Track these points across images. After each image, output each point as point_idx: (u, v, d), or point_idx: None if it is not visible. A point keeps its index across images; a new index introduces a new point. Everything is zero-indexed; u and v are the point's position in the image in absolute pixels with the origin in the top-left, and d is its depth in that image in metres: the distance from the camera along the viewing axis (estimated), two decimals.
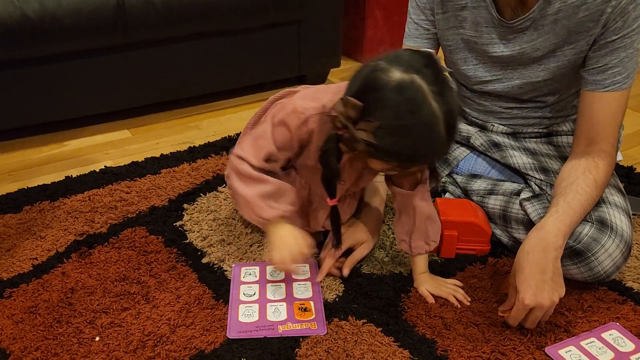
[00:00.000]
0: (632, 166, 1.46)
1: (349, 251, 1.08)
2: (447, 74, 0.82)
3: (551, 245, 0.92)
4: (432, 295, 1.02)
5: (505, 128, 1.22)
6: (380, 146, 0.79)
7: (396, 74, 0.78)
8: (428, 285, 1.03)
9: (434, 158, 0.89)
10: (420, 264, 1.05)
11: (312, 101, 0.93)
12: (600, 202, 1.02)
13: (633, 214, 1.14)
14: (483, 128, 1.25)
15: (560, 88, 1.13)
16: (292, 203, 0.97)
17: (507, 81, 1.13)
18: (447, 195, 1.26)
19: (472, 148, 1.26)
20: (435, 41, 1.18)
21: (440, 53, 1.17)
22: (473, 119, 1.26)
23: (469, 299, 1.02)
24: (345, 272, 1.05)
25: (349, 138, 0.82)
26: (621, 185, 1.12)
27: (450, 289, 1.03)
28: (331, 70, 2.14)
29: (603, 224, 0.99)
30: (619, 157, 1.41)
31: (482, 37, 1.10)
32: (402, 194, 1.00)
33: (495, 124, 1.22)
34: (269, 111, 1.04)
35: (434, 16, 1.14)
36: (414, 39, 1.18)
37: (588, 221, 0.99)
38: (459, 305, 1.00)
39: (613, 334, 0.94)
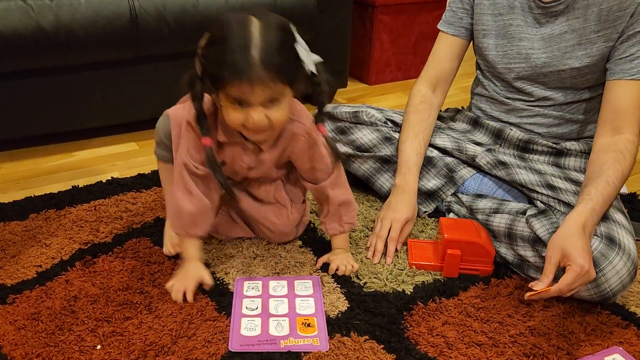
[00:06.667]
0: (634, 192, 1.47)
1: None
2: (298, 39, 0.91)
3: (589, 225, 0.98)
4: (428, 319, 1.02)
5: (522, 134, 1.24)
6: (206, 55, 0.90)
7: (245, 14, 0.90)
8: (333, 255, 1.14)
9: (244, 76, 0.86)
10: (336, 241, 1.15)
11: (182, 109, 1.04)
12: (608, 219, 1.03)
13: (636, 239, 1.14)
14: (498, 136, 1.27)
15: (582, 86, 1.16)
16: (209, 225, 1.09)
17: (534, 65, 1.16)
18: (452, 215, 1.27)
19: (478, 168, 1.28)
20: (467, 30, 1.27)
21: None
22: (492, 122, 1.28)
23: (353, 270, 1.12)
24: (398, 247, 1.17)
25: (196, 61, 0.92)
26: (624, 210, 1.13)
27: (343, 265, 1.12)
28: (338, 90, 2.17)
29: (612, 241, 1.00)
30: (624, 189, 1.42)
31: (517, 19, 1.16)
32: (315, 188, 1.11)
33: (514, 129, 1.25)
34: None
35: (473, 4, 1.23)
36: (448, 25, 1.28)
37: (597, 236, 1.00)
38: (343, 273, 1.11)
39: (616, 358, 0.94)
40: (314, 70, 0.94)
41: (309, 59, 0.93)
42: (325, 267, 1.14)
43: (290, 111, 0.98)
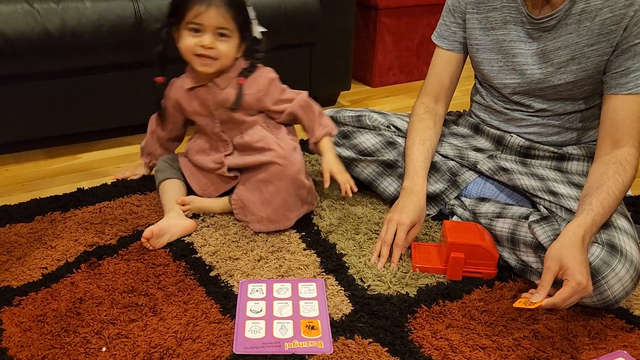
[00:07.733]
0: (639, 195, 1.46)
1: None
2: None
3: (588, 237, 0.98)
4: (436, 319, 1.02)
5: (523, 141, 1.23)
6: None
7: None
8: (333, 166, 1.25)
9: (205, 0, 1.11)
10: (323, 147, 1.26)
11: None
12: (609, 226, 1.03)
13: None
14: (499, 142, 1.27)
15: (579, 96, 1.15)
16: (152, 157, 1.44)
17: (529, 81, 1.16)
18: (455, 218, 1.27)
19: (480, 173, 1.28)
20: (462, 44, 1.27)
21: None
22: (492, 130, 1.28)
23: (353, 191, 1.24)
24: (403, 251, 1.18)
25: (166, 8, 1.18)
26: (628, 214, 1.12)
27: (345, 178, 1.24)
28: (341, 92, 2.17)
29: (613, 248, 0.99)
30: (629, 192, 1.41)
31: (510, 34, 1.16)
32: (290, 111, 1.26)
33: (514, 135, 1.24)
34: None
35: (464, 18, 1.22)
36: (442, 39, 1.28)
37: (598, 243, 1.00)
38: (349, 195, 1.23)
39: None
40: (258, 35, 1.21)
41: (256, 24, 1.20)
42: (330, 267, 1.14)
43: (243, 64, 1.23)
